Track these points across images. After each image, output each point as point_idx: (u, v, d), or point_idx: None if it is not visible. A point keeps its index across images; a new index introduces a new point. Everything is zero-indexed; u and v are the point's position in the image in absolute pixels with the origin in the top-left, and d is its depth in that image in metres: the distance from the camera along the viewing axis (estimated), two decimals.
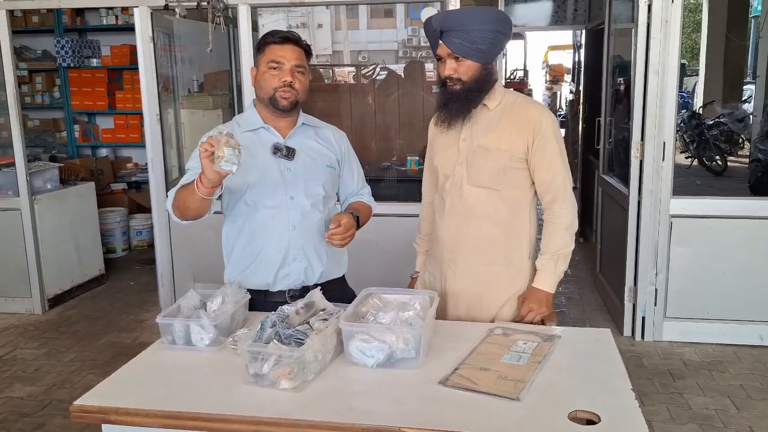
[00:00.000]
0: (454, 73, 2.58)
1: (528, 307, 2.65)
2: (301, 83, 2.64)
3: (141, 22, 5.13)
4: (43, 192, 5.85)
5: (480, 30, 2.51)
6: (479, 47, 2.53)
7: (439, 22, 2.56)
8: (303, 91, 2.66)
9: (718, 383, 4.30)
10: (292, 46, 2.62)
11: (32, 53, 8.58)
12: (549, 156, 2.62)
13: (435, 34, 2.57)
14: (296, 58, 2.61)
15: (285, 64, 2.59)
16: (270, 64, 2.60)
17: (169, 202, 2.60)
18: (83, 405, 1.97)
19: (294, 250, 2.67)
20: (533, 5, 8.56)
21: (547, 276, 2.66)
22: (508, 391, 1.95)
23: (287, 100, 2.61)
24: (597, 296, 5.98)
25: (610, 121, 6.11)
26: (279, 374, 1.99)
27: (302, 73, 2.64)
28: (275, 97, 2.61)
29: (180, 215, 2.56)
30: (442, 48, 2.57)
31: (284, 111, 2.64)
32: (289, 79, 2.59)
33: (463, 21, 2.52)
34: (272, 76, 2.60)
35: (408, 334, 2.13)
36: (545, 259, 2.66)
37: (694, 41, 18.62)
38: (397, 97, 6.37)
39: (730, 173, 11.81)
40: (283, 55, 2.59)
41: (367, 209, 2.92)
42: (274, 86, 2.60)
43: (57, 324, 5.54)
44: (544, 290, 2.66)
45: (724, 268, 4.79)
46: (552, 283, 2.67)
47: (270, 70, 2.60)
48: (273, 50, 2.60)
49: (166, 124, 5.56)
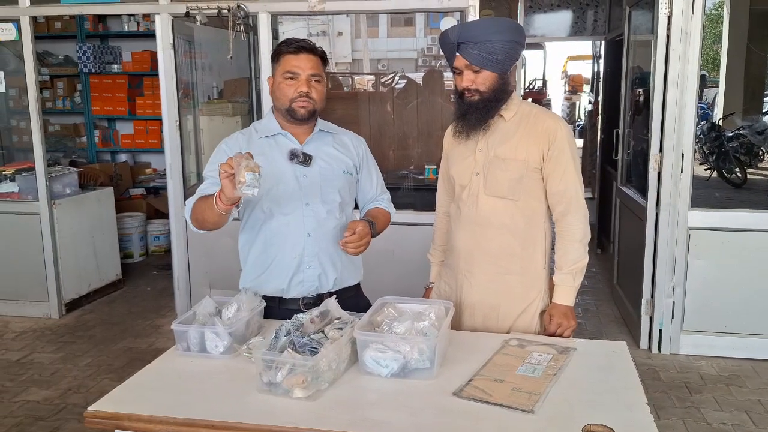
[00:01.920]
0: (472, 84, 2.58)
1: (557, 323, 2.63)
2: (318, 92, 2.63)
3: (162, 29, 5.17)
4: (62, 197, 5.89)
5: (497, 40, 2.52)
6: (497, 57, 2.54)
7: (456, 34, 2.56)
8: (320, 99, 2.65)
9: (735, 398, 4.26)
10: (307, 55, 2.60)
11: (54, 59, 8.65)
12: (563, 166, 2.61)
13: (452, 46, 2.57)
14: (312, 67, 2.60)
15: (301, 74, 2.58)
16: (286, 75, 2.59)
17: (187, 211, 2.62)
18: (97, 410, 1.98)
19: (308, 257, 2.67)
20: (553, 16, 8.55)
21: (567, 290, 2.65)
22: (523, 404, 1.94)
23: (305, 109, 2.60)
24: (614, 308, 5.94)
25: (629, 132, 6.09)
26: (293, 383, 1.99)
27: (319, 81, 2.63)
28: (292, 108, 2.61)
29: (198, 226, 2.58)
30: (459, 60, 2.58)
31: (302, 120, 2.64)
32: (305, 90, 2.58)
33: (480, 32, 2.53)
34: (288, 86, 2.60)
35: (423, 345, 2.12)
36: (563, 274, 2.64)
37: (715, 53, 18.50)
38: (415, 105, 6.37)
39: (749, 186, 11.69)
40: (298, 65, 2.58)
41: (385, 216, 2.89)
42: (290, 97, 2.59)
43: (74, 328, 5.57)
44: (567, 305, 2.65)
45: (742, 282, 4.74)
46: (572, 297, 2.66)
47: (286, 81, 2.60)
48: (288, 60, 2.60)
49: (185, 130, 5.59)
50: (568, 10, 8.46)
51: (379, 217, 2.82)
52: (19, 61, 5.65)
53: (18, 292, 5.84)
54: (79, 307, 6.01)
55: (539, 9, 8.47)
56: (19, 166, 5.96)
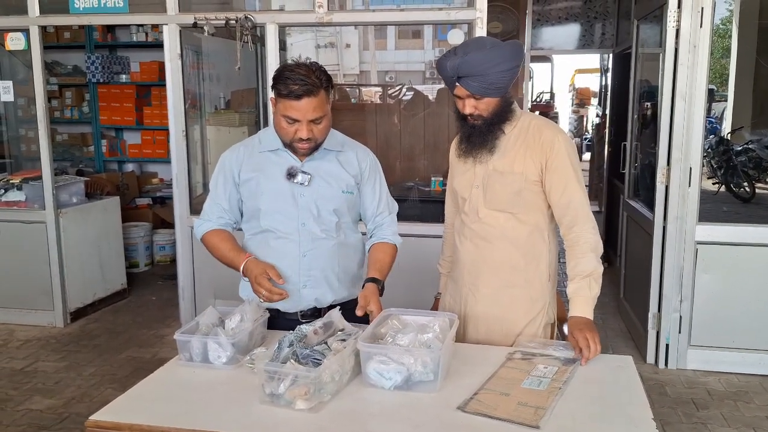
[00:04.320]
0: (475, 111, 2.57)
1: (584, 338, 2.41)
2: (320, 130, 2.55)
3: (170, 40, 5.19)
4: (68, 205, 5.91)
5: (498, 72, 2.48)
6: (498, 86, 2.51)
7: (454, 69, 2.49)
8: (322, 134, 2.58)
9: (743, 414, 4.22)
10: (309, 99, 2.44)
11: (63, 68, 8.69)
12: (564, 178, 2.57)
13: (451, 78, 2.53)
14: (314, 109, 2.46)
15: (301, 120, 2.47)
16: (286, 118, 2.49)
17: (198, 230, 2.72)
18: (99, 420, 1.97)
19: (304, 277, 2.65)
20: (561, 29, 8.55)
21: (584, 301, 2.52)
22: (528, 419, 1.93)
23: (305, 148, 2.57)
24: (620, 322, 5.91)
25: (636, 146, 6.07)
26: (295, 394, 1.98)
27: (321, 121, 2.52)
28: (293, 146, 2.57)
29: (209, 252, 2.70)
30: (460, 89, 2.54)
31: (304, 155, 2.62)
32: (305, 136, 2.50)
33: (480, 68, 2.46)
34: (288, 127, 2.50)
35: (427, 357, 2.11)
36: (578, 284, 2.53)
37: (723, 66, 18.48)
38: (422, 117, 6.36)
39: (758, 200, 11.64)
40: (298, 112, 2.46)
41: (391, 256, 2.80)
42: (290, 137, 2.53)
43: (78, 337, 5.57)
44: (584, 316, 2.50)
45: (750, 297, 4.71)
46: (590, 308, 2.52)
47: (287, 121, 2.50)
48: (289, 105, 2.46)
49: (192, 141, 5.60)
50: (576, 23, 8.46)
51: (385, 262, 2.76)
52: (28, 70, 5.67)
53: (23, 301, 5.84)
54: (84, 316, 6.01)
55: (547, 22, 8.47)
56: (26, 174, 5.98)
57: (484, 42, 2.55)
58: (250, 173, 2.66)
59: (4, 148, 6.93)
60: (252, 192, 2.66)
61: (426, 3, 5.24)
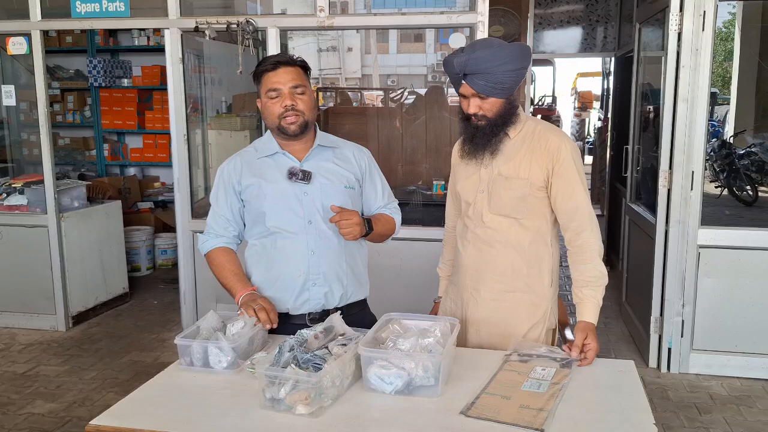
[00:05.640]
0: (479, 111, 2.56)
1: (590, 344, 2.42)
2: (305, 102, 2.62)
3: (171, 44, 5.19)
4: (70, 209, 5.91)
5: (505, 71, 2.48)
6: (504, 86, 2.51)
7: (461, 65, 2.49)
8: (309, 109, 2.64)
9: (745, 418, 4.21)
10: (286, 68, 2.60)
11: (65, 72, 8.70)
12: (571, 184, 2.58)
13: (457, 76, 2.54)
14: (293, 78, 2.60)
15: (282, 88, 2.58)
16: (269, 93, 2.60)
17: (203, 247, 2.77)
18: (99, 425, 1.97)
19: (314, 275, 2.66)
20: (563, 32, 8.54)
21: (593, 307, 2.53)
22: (531, 422, 1.92)
23: (294, 124, 2.60)
24: (622, 326, 5.89)
25: (638, 149, 6.06)
26: (296, 399, 1.97)
27: (303, 92, 2.62)
28: (282, 126, 2.61)
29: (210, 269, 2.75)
30: (466, 87, 2.54)
31: (295, 136, 2.64)
32: (290, 103, 2.58)
33: (487, 65, 2.47)
34: (273, 104, 2.60)
35: (428, 362, 2.10)
36: (589, 290, 2.55)
37: (726, 69, 18.47)
38: (424, 121, 6.36)
39: (760, 204, 11.64)
40: (278, 81, 2.59)
41: (387, 219, 2.86)
42: (277, 114, 2.60)
43: (80, 341, 5.57)
44: (593, 323, 2.52)
45: (753, 301, 4.70)
46: (597, 314, 2.54)
47: (270, 99, 2.60)
48: (268, 78, 2.60)
49: (194, 145, 5.60)
50: (578, 26, 8.45)
51: (380, 219, 2.81)
52: (30, 74, 5.68)
53: (25, 305, 5.84)
54: (85, 320, 6.01)
55: (549, 25, 8.46)
56: (28, 179, 5.98)
57: (492, 41, 2.55)
58: (251, 179, 2.67)
59: (6, 152, 6.94)
60: (255, 196, 2.67)
61: (428, 6, 5.24)
